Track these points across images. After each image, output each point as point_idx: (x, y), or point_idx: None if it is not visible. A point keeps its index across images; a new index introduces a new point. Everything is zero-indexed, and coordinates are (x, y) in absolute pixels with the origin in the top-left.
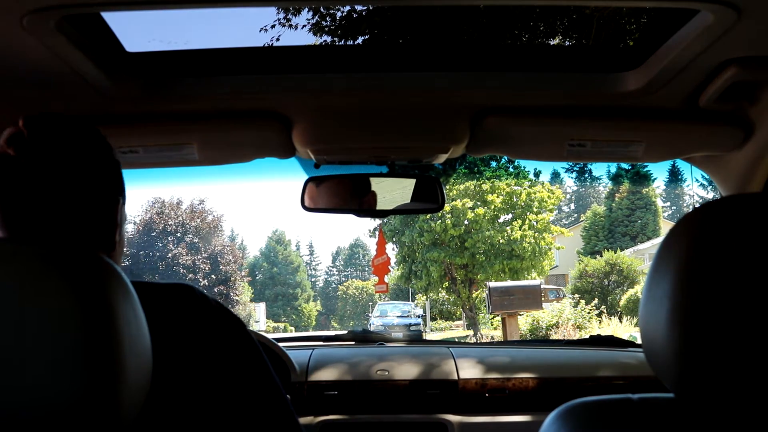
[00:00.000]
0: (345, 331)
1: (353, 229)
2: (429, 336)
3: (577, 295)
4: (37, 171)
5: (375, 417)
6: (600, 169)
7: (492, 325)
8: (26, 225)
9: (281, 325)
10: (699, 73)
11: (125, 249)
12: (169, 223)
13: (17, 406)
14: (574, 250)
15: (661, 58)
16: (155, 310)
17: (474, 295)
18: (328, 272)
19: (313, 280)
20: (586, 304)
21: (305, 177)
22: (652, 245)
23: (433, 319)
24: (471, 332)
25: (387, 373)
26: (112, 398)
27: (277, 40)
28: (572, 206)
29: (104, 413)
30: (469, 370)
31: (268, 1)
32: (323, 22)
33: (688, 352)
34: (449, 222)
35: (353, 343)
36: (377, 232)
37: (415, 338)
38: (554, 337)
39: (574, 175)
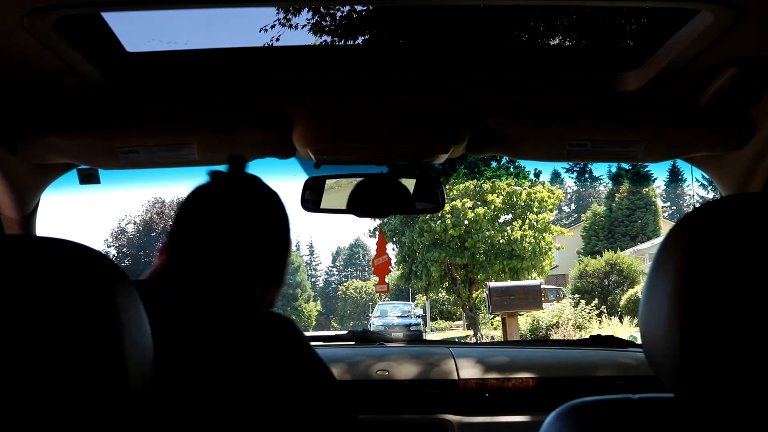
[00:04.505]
0: (345, 331)
1: (353, 229)
2: (429, 336)
3: (577, 295)
4: (221, 211)
5: (375, 417)
6: (600, 169)
7: (492, 325)
8: (187, 253)
9: None
10: (699, 73)
11: (125, 249)
12: (169, 223)
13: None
14: (574, 250)
15: (661, 58)
16: (247, 336)
17: (474, 295)
18: (328, 272)
19: (313, 280)
20: (586, 304)
21: (305, 177)
22: (652, 245)
23: (433, 319)
24: (471, 332)
25: (387, 373)
26: (114, 390)
27: (277, 40)
28: (572, 206)
29: (105, 409)
30: (469, 370)
31: (268, 1)
32: (323, 22)
33: (687, 351)
34: (449, 222)
35: (353, 343)
36: (377, 232)
37: (415, 338)
38: (554, 337)
39: (574, 175)
